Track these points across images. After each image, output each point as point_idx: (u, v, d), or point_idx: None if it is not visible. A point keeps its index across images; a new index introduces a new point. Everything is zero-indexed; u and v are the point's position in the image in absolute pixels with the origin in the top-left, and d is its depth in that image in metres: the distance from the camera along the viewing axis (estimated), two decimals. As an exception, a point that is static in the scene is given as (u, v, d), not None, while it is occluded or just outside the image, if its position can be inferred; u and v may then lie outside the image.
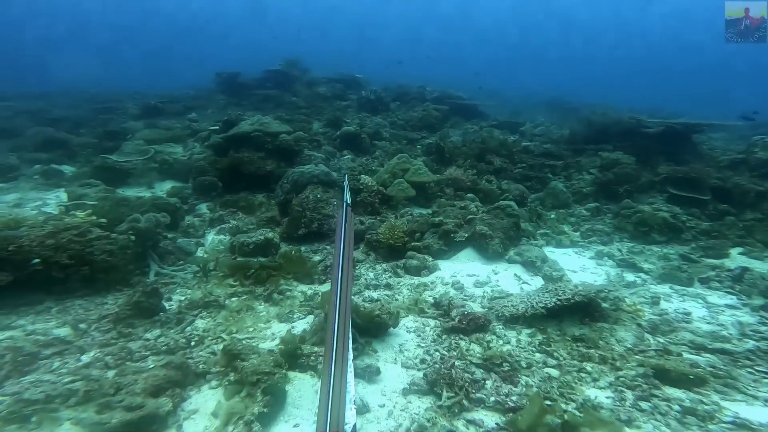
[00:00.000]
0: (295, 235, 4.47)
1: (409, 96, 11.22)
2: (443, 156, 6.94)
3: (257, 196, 5.61)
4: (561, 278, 3.46)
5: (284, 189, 4.75)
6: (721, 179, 5.93)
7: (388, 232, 4.20)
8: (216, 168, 5.63)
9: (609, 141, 7.90)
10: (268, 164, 5.82)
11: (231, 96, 11.53)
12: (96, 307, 2.92)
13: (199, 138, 7.32)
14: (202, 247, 4.23)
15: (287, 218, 4.57)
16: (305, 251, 4.30)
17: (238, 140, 6.19)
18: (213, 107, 10.57)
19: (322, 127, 8.28)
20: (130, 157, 6.25)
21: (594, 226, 5.19)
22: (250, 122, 6.15)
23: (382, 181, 5.50)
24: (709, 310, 3.29)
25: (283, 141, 6.11)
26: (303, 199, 4.54)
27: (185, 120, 9.11)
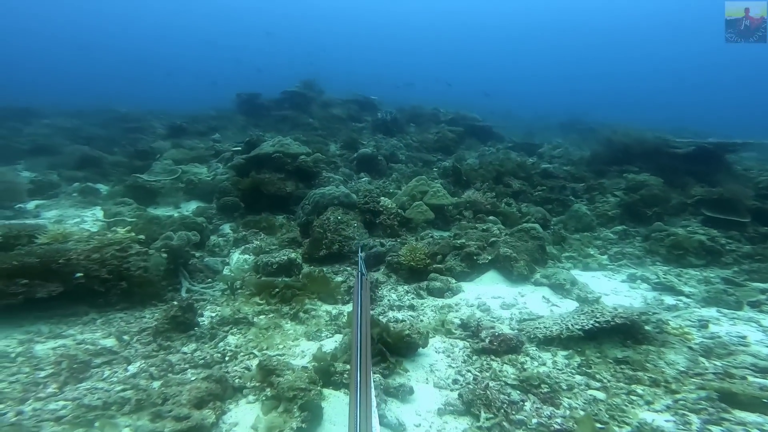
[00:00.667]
0: (317, 256, 4.42)
1: (424, 117, 11.38)
2: (460, 179, 6.88)
3: (278, 217, 5.65)
4: (597, 300, 3.23)
5: (305, 210, 4.75)
6: (761, 200, 5.61)
7: (410, 254, 4.09)
8: (238, 188, 5.74)
9: (632, 162, 7.68)
10: (288, 185, 5.88)
11: (250, 117, 11.95)
12: (135, 320, 3.03)
13: (222, 158, 7.52)
14: (227, 265, 4.26)
15: (309, 239, 4.54)
16: (327, 272, 4.23)
17: (259, 161, 6.32)
18: (234, 128, 10.96)
19: (339, 149, 8.42)
20: (159, 176, 6.48)
21: (623, 249, 4.94)
22: (271, 143, 6.29)
23: (401, 203, 5.45)
24: (767, 334, 2.98)
25: (302, 162, 6.19)
26: (324, 220, 4.52)
27: (209, 140, 9.43)
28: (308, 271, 3.73)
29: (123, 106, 14.29)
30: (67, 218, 5.40)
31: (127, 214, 5.16)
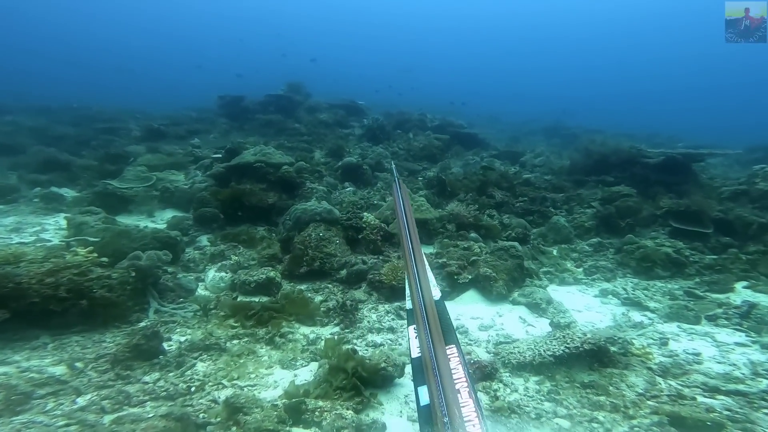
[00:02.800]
0: (297, 273, 4.48)
1: (410, 124, 11.47)
2: (445, 189, 7.02)
3: (258, 229, 5.63)
4: (568, 325, 3.41)
5: (286, 226, 4.78)
6: (723, 211, 5.96)
7: (391, 272, 4.21)
8: (217, 199, 5.63)
9: (609, 171, 8.00)
10: (270, 196, 5.86)
11: (233, 120, 11.70)
12: (93, 345, 2.84)
13: (202, 166, 7.33)
14: (202, 282, 4.22)
15: (289, 256, 4.59)
16: (307, 289, 4.30)
17: (240, 170, 6.25)
18: (216, 132, 10.62)
19: (324, 156, 8.43)
20: (132, 183, 6.24)
21: (597, 262, 5.19)
22: (252, 152, 6.23)
23: (385, 217, 5.54)
24: (719, 348, 3.24)
25: (285, 173, 6.19)
26: (305, 237, 4.57)
27: (188, 145, 9.14)
28: (287, 291, 3.77)
29: (97, 104, 13.72)
30: (26, 227, 5.10)
31: (93, 224, 4.79)
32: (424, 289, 1.21)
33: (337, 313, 3.60)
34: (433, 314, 1.12)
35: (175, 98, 17.84)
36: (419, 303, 1.18)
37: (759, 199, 6.08)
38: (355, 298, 4.13)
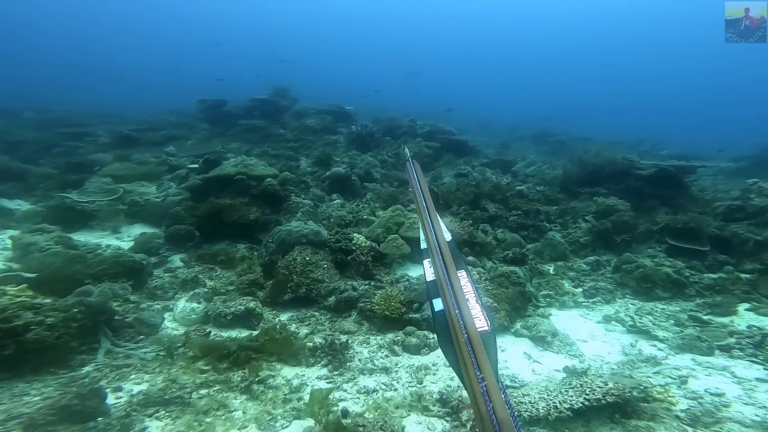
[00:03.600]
0: (281, 300, 4.08)
1: (400, 130, 11.16)
2: (437, 201, 6.71)
3: (239, 247, 5.18)
4: (585, 372, 3.10)
5: (269, 249, 4.36)
6: (719, 228, 5.86)
7: (384, 302, 3.86)
8: (193, 215, 5.14)
9: (602, 183, 7.89)
10: (252, 211, 5.41)
11: (215, 125, 11.07)
12: (10, 401, 2.30)
13: (177, 177, 6.77)
14: (170, 313, 3.73)
15: (272, 282, 4.17)
16: (291, 319, 3.91)
17: (219, 183, 5.76)
18: (195, 138, 9.94)
19: (310, 165, 8.00)
20: (94, 196, 5.63)
21: (597, 283, 4.98)
22: (233, 163, 5.74)
23: (376, 236, 5.19)
24: (742, 386, 3.01)
25: (269, 186, 5.75)
26: (290, 261, 4.17)
27: (162, 153, 8.43)
28: (268, 327, 3.34)
29: (64, 106, 12.75)
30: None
31: (43, 245, 4.19)
32: (437, 231, 1.43)
33: (324, 352, 3.21)
34: (446, 248, 1.32)
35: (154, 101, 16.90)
36: (433, 240, 1.38)
37: (755, 216, 6.02)
38: (345, 329, 3.77)
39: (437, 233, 1.43)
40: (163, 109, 13.21)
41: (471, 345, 0.94)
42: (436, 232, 1.44)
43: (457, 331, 0.99)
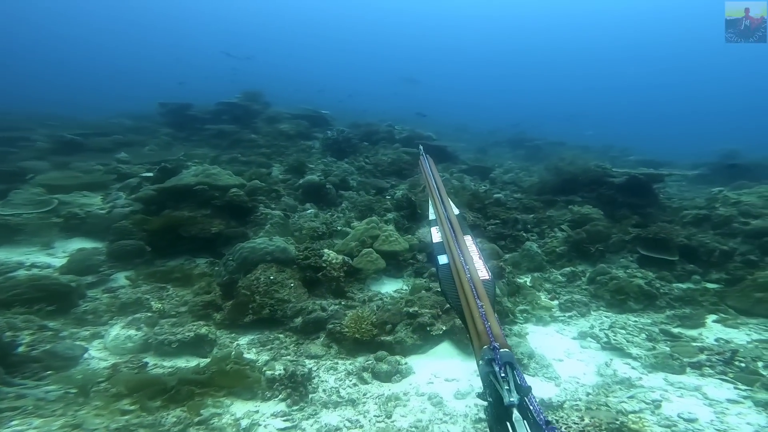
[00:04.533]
0: (241, 323, 3.78)
1: (378, 135, 10.96)
2: (415, 212, 6.56)
3: (199, 262, 4.80)
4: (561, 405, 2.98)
5: (229, 268, 4.04)
6: (687, 237, 6.00)
7: (354, 324, 3.65)
8: (144, 229, 4.71)
9: (577, 191, 7.98)
10: (215, 224, 5.04)
11: (178, 130, 10.38)
12: None
13: (127, 186, 6.20)
14: (100, 341, 3.28)
15: (231, 303, 3.86)
16: (252, 343, 3.62)
17: (177, 193, 5.32)
18: (154, 144, 9.15)
19: (282, 173, 7.65)
20: (21, 209, 5.03)
21: (572, 296, 4.95)
22: (194, 172, 5.33)
23: (349, 249, 4.96)
24: (714, 408, 2.98)
25: (234, 196, 5.39)
26: (252, 281, 3.88)
27: (113, 160, 7.68)
28: (220, 357, 3.03)
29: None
30: None
31: None
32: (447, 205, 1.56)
33: (283, 384, 2.95)
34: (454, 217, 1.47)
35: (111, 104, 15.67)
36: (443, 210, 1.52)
37: (720, 226, 6.20)
38: (311, 353, 3.54)
39: (446, 207, 1.57)
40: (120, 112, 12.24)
41: (473, 283, 1.06)
42: (446, 205, 1.59)
43: (460, 273, 1.10)
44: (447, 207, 1.62)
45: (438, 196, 1.73)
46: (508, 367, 0.78)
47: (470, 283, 1.07)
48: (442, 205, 1.63)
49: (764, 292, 4.49)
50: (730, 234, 6.02)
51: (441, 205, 1.62)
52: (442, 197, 1.72)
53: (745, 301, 4.58)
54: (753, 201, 6.45)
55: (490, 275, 1.20)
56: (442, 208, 1.60)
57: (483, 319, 0.93)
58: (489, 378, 0.78)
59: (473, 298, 1.01)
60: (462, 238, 1.35)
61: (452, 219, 1.49)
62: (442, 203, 1.65)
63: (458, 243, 1.30)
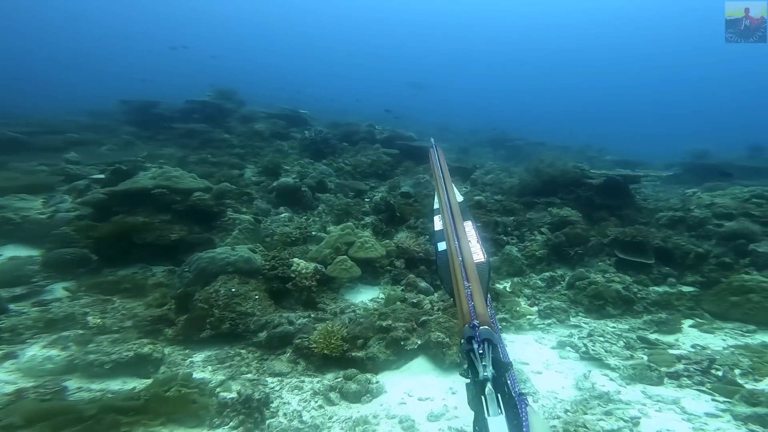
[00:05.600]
0: (197, 339, 3.47)
1: (358, 135, 10.69)
2: (394, 215, 6.36)
3: (156, 271, 4.42)
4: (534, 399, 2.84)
5: (184, 279, 3.72)
6: (663, 240, 6.03)
7: (323, 339, 3.41)
8: (90, 237, 4.28)
9: (556, 192, 7.97)
10: (176, 231, 4.67)
11: (143, 128, 9.75)
12: None
13: (74, 189, 5.70)
14: (13, 362, 2.90)
15: (185, 317, 3.54)
16: (208, 360, 3.32)
17: (131, 197, 4.92)
18: (113, 143, 8.43)
19: (256, 174, 7.30)
20: None
21: (551, 302, 4.86)
22: (151, 175, 4.93)
23: (323, 257, 4.71)
24: (692, 423, 2.89)
25: (198, 200, 5.03)
26: (211, 293, 3.57)
27: (61, 160, 7.02)
28: (161, 380, 2.70)
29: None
30: None
31: None
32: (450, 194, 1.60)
33: (236, 410, 2.68)
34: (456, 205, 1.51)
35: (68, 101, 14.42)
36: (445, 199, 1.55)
37: (695, 227, 6.26)
38: (275, 371, 3.28)
39: (450, 195, 1.59)
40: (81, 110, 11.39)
41: (464, 266, 1.08)
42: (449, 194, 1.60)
43: (453, 258, 1.12)
44: (450, 194, 1.64)
45: (443, 185, 1.75)
46: (487, 343, 0.79)
47: (461, 266, 1.09)
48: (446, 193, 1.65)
49: (739, 295, 4.51)
50: (704, 236, 6.08)
51: (444, 193, 1.65)
52: (446, 186, 1.74)
53: (721, 305, 4.59)
54: (726, 203, 6.56)
55: (485, 257, 1.25)
56: (445, 195, 1.62)
57: (468, 300, 0.95)
58: (469, 356, 0.80)
59: (462, 280, 1.04)
60: (461, 225, 1.37)
61: (453, 206, 1.51)
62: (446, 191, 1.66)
63: (456, 229, 1.32)
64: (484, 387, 0.70)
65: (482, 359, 0.75)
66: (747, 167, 12.71)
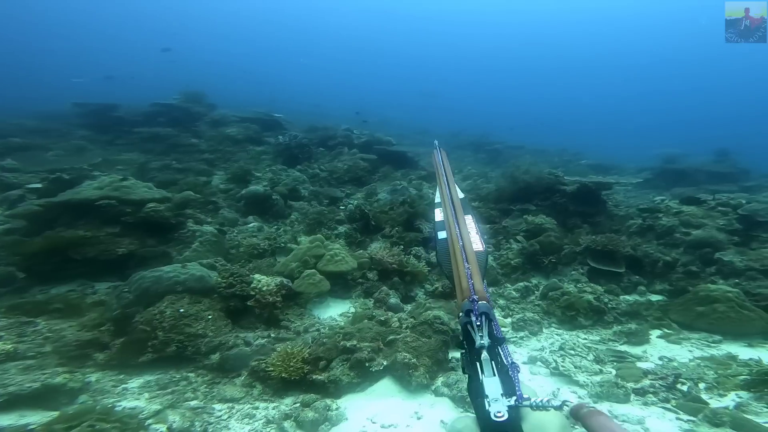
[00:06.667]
0: (135, 363, 3.19)
1: (335, 140, 10.47)
2: (368, 224, 6.20)
3: (98, 288, 4.06)
4: None
5: (123, 300, 3.42)
6: (633, 247, 6.10)
7: (282, 361, 3.21)
8: (17, 253, 3.91)
9: (532, 199, 8.00)
10: (124, 244, 4.30)
11: (100, 133, 9.13)
12: None
13: (6, 199, 5.31)
14: None
15: (122, 340, 3.25)
16: (146, 386, 3.05)
17: (74, 209, 4.54)
18: (62, 148, 7.71)
19: (224, 182, 6.98)
20: None
21: (525, 314, 4.82)
22: (97, 184, 4.56)
23: (289, 271, 4.50)
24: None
25: (152, 212, 4.69)
26: (155, 315, 3.30)
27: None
28: (73, 412, 2.41)
29: None
30: None
31: None
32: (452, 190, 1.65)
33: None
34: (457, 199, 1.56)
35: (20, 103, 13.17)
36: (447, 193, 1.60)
37: (663, 236, 6.38)
38: (226, 396, 3.06)
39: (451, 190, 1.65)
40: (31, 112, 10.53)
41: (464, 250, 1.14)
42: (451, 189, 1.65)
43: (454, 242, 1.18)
44: (452, 190, 1.73)
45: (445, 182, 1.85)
46: (484, 317, 0.84)
47: (462, 250, 1.14)
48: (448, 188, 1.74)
49: (705, 305, 4.57)
50: (672, 244, 6.20)
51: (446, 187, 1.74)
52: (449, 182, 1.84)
53: (687, 315, 4.65)
54: (693, 211, 6.73)
55: (484, 247, 1.31)
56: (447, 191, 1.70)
57: (468, 278, 1.00)
58: (467, 328, 0.86)
59: (462, 261, 1.08)
60: (462, 216, 1.43)
61: (455, 200, 1.58)
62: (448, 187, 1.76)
63: (457, 220, 1.37)
64: (480, 354, 0.76)
65: (479, 330, 0.81)
66: (713, 172, 13.20)
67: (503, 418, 0.66)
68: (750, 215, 6.34)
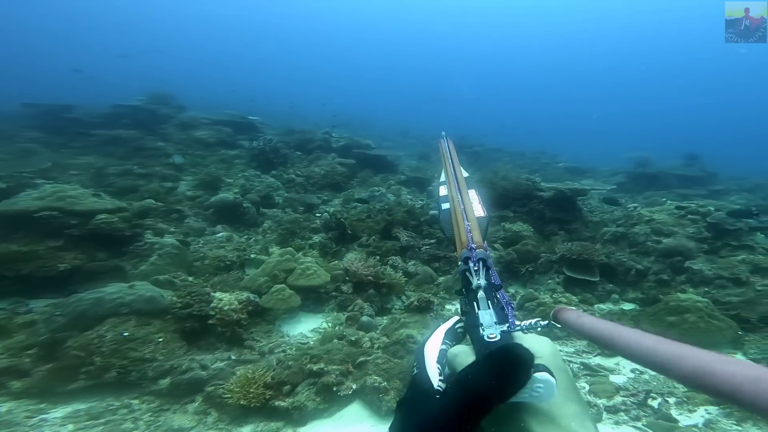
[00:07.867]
0: (63, 391, 2.88)
1: (313, 144, 10.21)
2: (345, 233, 6.01)
3: (34, 306, 3.70)
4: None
5: (52, 324, 3.10)
6: (606, 255, 6.17)
7: (241, 387, 2.98)
8: None
9: (509, 205, 8.02)
10: (67, 259, 3.94)
11: (53, 135, 8.52)
12: None
13: None
14: None
15: (48, 366, 2.94)
16: (73, 416, 2.74)
17: (9, 221, 4.15)
18: (6, 152, 7.07)
19: (191, 188, 6.63)
20: None
21: (501, 326, 4.74)
22: (38, 194, 4.18)
23: (257, 286, 4.26)
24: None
25: (102, 224, 4.33)
26: (93, 339, 2.99)
27: None
28: None
29: None
30: None
31: None
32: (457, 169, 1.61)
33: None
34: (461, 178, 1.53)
35: None
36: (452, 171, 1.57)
37: (636, 244, 6.48)
38: (174, 426, 2.81)
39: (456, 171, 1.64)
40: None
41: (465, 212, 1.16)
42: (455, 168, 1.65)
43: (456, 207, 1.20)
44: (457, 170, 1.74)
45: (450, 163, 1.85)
46: (482, 263, 0.88)
47: (463, 212, 1.16)
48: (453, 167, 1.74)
49: (675, 315, 4.62)
50: (644, 252, 6.30)
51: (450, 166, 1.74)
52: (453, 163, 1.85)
53: (659, 325, 4.69)
54: (664, 219, 6.87)
55: (485, 213, 1.33)
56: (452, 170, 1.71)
57: (467, 231, 1.02)
58: (465, 274, 0.89)
59: (462, 220, 1.11)
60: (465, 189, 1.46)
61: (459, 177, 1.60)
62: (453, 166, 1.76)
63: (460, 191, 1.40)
64: (477, 293, 0.79)
65: (476, 274, 0.84)
66: (683, 176, 13.69)
67: (495, 339, 0.68)
68: (718, 223, 6.52)
